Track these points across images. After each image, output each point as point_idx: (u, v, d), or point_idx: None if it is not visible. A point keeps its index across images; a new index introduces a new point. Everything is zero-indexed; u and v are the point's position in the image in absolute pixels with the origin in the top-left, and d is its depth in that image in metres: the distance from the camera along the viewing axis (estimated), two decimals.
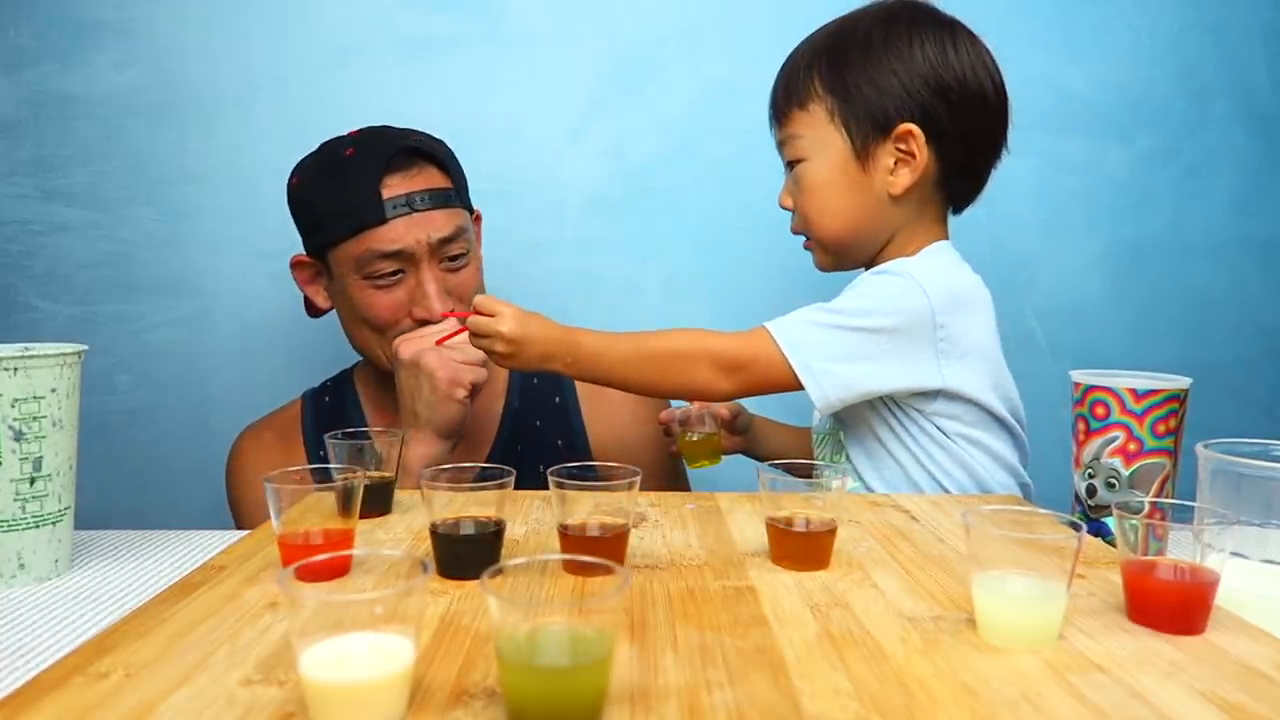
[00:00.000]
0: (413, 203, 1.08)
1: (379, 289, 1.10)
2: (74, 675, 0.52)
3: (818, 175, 1.01)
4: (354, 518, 0.70)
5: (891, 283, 0.96)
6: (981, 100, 0.99)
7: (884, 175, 0.99)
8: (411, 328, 1.10)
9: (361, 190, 1.07)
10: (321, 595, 0.47)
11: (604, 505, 0.70)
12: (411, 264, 1.10)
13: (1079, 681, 0.52)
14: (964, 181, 1.03)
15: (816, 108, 1.00)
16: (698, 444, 1.08)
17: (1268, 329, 1.53)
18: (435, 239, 1.09)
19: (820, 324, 0.94)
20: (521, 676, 0.46)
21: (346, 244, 1.09)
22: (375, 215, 1.07)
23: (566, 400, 1.26)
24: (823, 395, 0.94)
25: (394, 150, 1.10)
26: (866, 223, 1.01)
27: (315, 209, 1.12)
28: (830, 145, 0.99)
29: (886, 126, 0.97)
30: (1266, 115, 1.49)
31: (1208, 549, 0.60)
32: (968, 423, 0.98)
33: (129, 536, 0.92)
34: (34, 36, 1.41)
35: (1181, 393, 0.84)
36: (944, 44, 0.98)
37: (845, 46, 1.00)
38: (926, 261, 0.99)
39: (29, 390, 0.76)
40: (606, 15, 1.44)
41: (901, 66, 0.97)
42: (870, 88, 0.97)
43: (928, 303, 0.94)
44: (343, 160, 1.11)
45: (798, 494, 0.74)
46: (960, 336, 0.96)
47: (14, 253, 1.44)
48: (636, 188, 1.46)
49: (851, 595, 0.66)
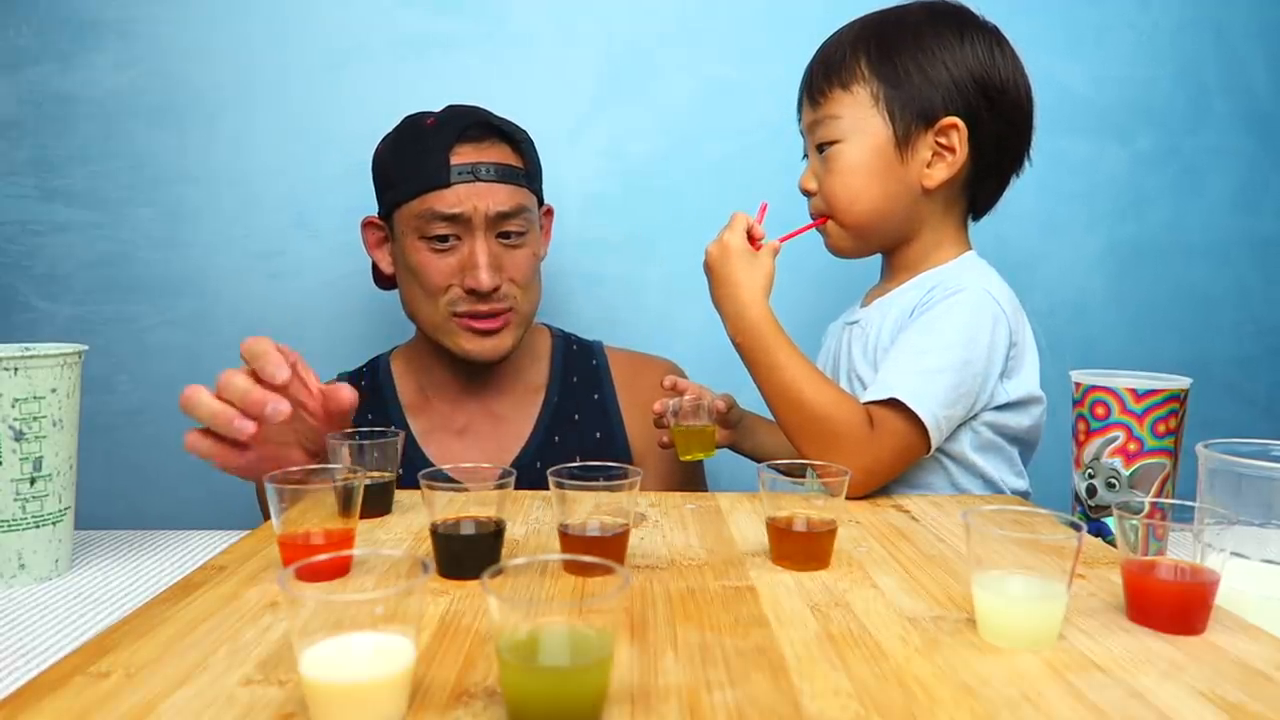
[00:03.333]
0: (477, 172, 1.12)
1: (434, 251, 1.14)
2: (74, 675, 0.52)
3: (853, 158, 1.00)
4: (354, 517, 0.70)
5: (972, 305, 0.94)
6: (1018, 106, 1.00)
7: (920, 167, 0.99)
8: (460, 298, 1.14)
9: (434, 155, 1.12)
10: (322, 595, 0.47)
11: (604, 505, 0.70)
12: (468, 231, 1.13)
13: (1079, 681, 0.52)
14: (990, 185, 1.04)
15: (861, 90, 0.99)
16: (691, 434, 1.07)
17: (1267, 328, 1.53)
18: (494, 211, 1.13)
19: (935, 371, 0.91)
20: (522, 676, 0.46)
21: (410, 204, 1.13)
22: (440, 178, 1.11)
23: (605, 397, 1.28)
24: (938, 443, 0.93)
25: (470, 122, 1.15)
26: (894, 212, 1.01)
27: (390, 170, 1.17)
28: (870, 130, 0.99)
29: (931, 117, 0.97)
30: (1266, 114, 1.49)
31: (1208, 549, 0.60)
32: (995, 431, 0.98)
33: (129, 536, 0.92)
34: (34, 36, 1.41)
35: (1181, 393, 0.85)
36: (991, 46, 0.99)
37: (896, 33, 1.00)
38: (985, 276, 0.99)
39: (29, 390, 0.76)
40: (606, 15, 1.44)
41: (952, 60, 0.97)
42: (920, 76, 0.97)
43: (1006, 321, 0.95)
44: (423, 128, 1.16)
45: (798, 494, 0.74)
46: (1023, 350, 0.97)
47: (14, 253, 1.44)
48: (636, 187, 1.46)
49: (851, 595, 0.66)
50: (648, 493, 0.96)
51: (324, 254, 1.46)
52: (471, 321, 1.15)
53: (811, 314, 1.24)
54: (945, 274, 1.00)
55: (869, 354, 1.02)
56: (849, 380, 1.05)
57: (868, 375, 1.00)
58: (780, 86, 1.44)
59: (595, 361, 1.30)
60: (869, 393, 0.93)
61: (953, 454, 0.97)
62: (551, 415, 1.25)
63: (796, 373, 0.92)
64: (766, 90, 1.44)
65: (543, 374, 1.28)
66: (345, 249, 1.45)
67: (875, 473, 0.91)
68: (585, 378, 1.28)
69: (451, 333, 1.16)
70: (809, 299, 1.34)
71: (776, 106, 1.44)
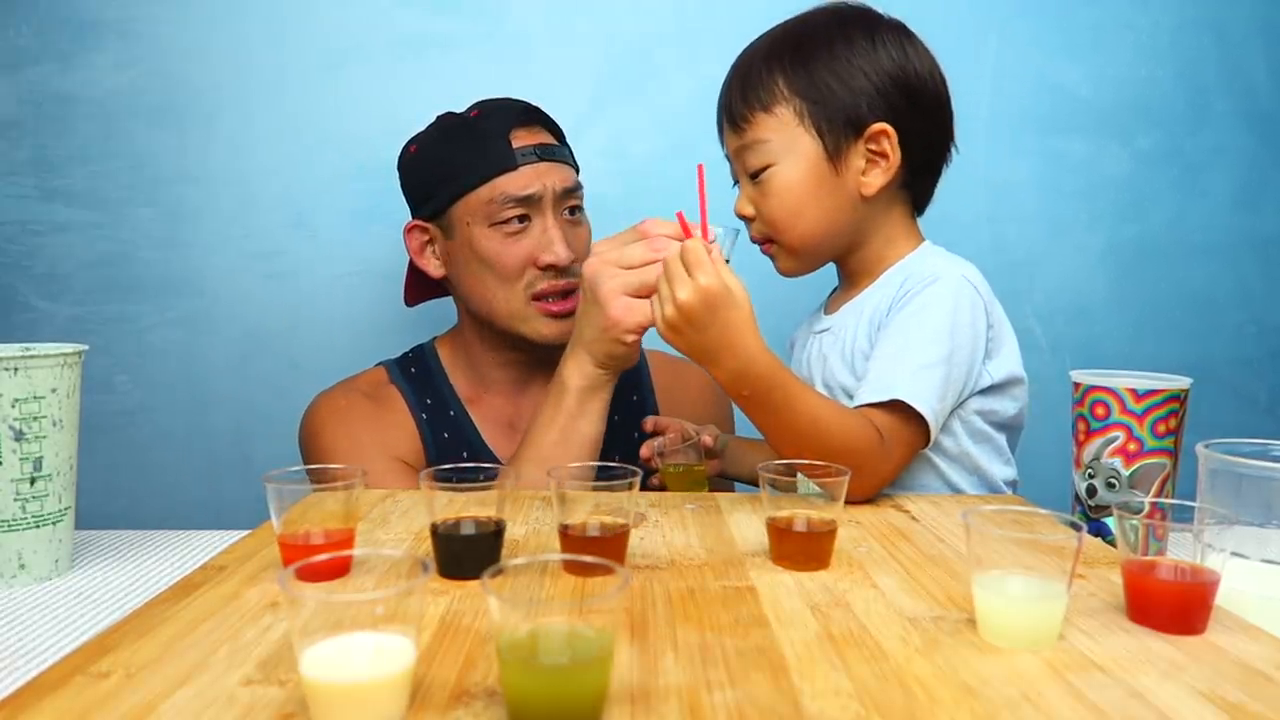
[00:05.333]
0: (540, 152, 1.14)
1: (508, 236, 1.13)
2: (75, 675, 0.52)
3: (788, 178, 0.98)
4: (355, 517, 0.70)
5: (953, 292, 0.93)
6: (937, 98, 1.00)
7: (855, 176, 0.97)
8: (537, 277, 1.13)
9: (494, 141, 1.13)
10: (322, 595, 0.47)
11: (604, 505, 0.70)
12: (538, 211, 1.14)
13: (1079, 681, 0.52)
14: (925, 180, 1.03)
15: (783, 110, 0.98)
16: (681, 475, 1.06)
17: (1269, 328, 1.53)
18: (561, 188, 1.15)
19: (927, 365, 0.91)
20: (522, 676, 0.46)
21: (477, 192, 1.13)
22: (508, 161, 1.12)
23: (644, 399, 1.28)
24: (935, 436, 0.92)
25: (520, 108, 1.18)
26: (838, 224, 1.00)
27: (441, 166, 1.16)
28: (800, 149, 0.97)
29: (860, 126, 0.96)
30: (1267, 113, 1.49)
31: (1208, 549, 0.60)
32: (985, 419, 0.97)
33: (129, 536, 0.92)
34: (34, 36, 1.41)
35: (1182, 393, 0.84)
36: (902, 44, 0.98)
37: (807, 47, 0.98)
38: (954, 261, 0.98)
39: (29, 390, 0.76)
40: (605, 15, 1.44)
41: (869, 65, 0.96)
42: (841, 88, 0.96)
43: (983, 304, 0.94)
44: (469, 120, 1.17)
45: (798, 494, 0.74)
46: (1001, 331, 0.97)
47: (14, 253, 1.44)
48: (636, 187, 1.46)
49: (852, 595, 0.66)
50: (648, 493, 0.96)
51: (323, 254, 1.46)
52: (550, 305, 1.14)
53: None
54: (912, 266, 0.99)
55: (847, 359, 1.00)
56: (826, 389, 1.03)
57: (849, 381, 1.00)
58: None
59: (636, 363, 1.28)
60: (866, 393, 0.91)
61: (944, 449, 0.97)
62: None
63: (815, 410, 0.87)
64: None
65: None
66: (344, 249, 1.45)
67: (888, 479, 0.91)
68: (626, 379, 1.24)
69: (531, 319, 1.15)
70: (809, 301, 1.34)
71: None
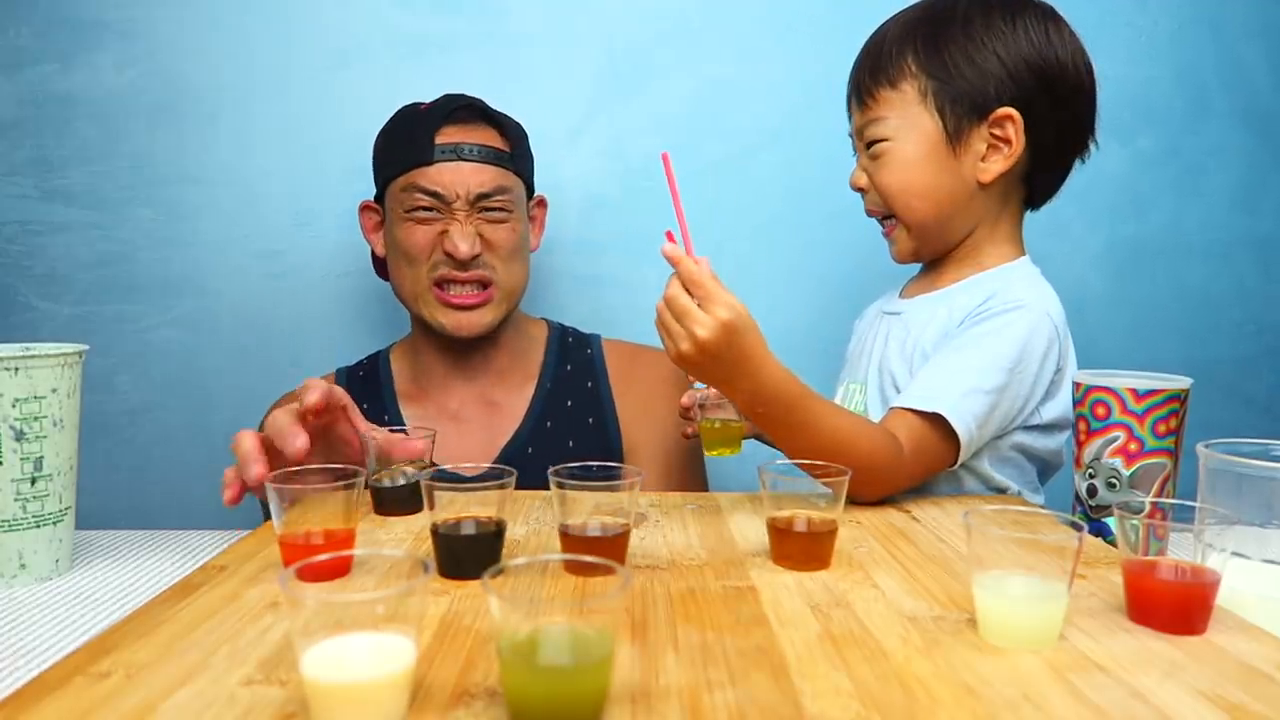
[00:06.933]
0: (460, 151, 1.16)
1: (417, 222, 1.17)
2: (75, 675, 0.52)
3: (903, 155, 0.96)
4: (355, 518, 0.70)
5: (1030, 327, 0.91)
6: (1079, 88, 0.96)
7: (974, 161, 0.95)
8: (441, 262, 1.16)
9: (421, 134, 1.17)
10: (323, 595, 0.47)
11: (605, 505, 0.70)
12: (448, 209, 1.16)
13: (1079, 681, 0.52)
14: (1050, 175, 1.00)
15: (908, 87, 0.96)
16: (719, 430, 1.02)
17: (1268, 328, 1.53)
18: (474, 191, 1.16)
19: (981, 390, 0.89)
20: (522, 676, 0.46)
21: (398, 180, 1.18)
22: (424, 157, 1.16)
23: (599, 385, 1.29)
24: (964, 460, 0.91)
25: (457, 105, 1.19)
26: (953, 208, 0.97)
27: (381, 153, 1.22)
28: (920, 127, 0.96)
29: (984, 110, 0.94)
30: (1266, 113, 1.49)
31: (1208, 549, 0.60)
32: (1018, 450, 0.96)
33: (129, 536, 0.92)
34: (34, 36, 1.41)
35: (1182, 393, 0.84)
36: (1045, 28, 0.95)
37: (943, 25, 0.96)
38: (1045, 293, 0.96)
39: (30, 390, 0.76)
40: (605, 15, 1.44)
41: (1004, 48, 0.94)
42: (970, 68, 0.94)
43: (1058, 345, 0.93)
44: (416, 113, 1.21)
45: (798, 494, 0.74)
46: (1065, 374, 0.94)
47: (14, 253, 1.43)
48: (636, 188, 1.46)
49: (852, 595, 0.66)
50: (648, 493, 0.96)
51: (324, 253, 1.45)
52: (448, 295, 1.17)
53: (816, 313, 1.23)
54: (1003, 281, 0.97)
55: (906, 352, 0.99)
56: (879, 372, 1.02)
57: (901, 374, 0.98)
58: (779, 87, 1.45)
59: (590, 351, 1.31)
60: (912, 398, 0.89)
61: (969, 466, 0.95)
62: (544, 402, 1.26)
63: (835, 426, 0.84)
64: (766, 90, 1.44)
65: (536, 362, 1.29)
66: (345, 248, 1.45)
67: (900, 490, 0.90)
68: (579, 366, 1.30)
69: (430, 304, 1.18)
70: (807, 299, 1.34)
71: (775, 107, 1.45)
